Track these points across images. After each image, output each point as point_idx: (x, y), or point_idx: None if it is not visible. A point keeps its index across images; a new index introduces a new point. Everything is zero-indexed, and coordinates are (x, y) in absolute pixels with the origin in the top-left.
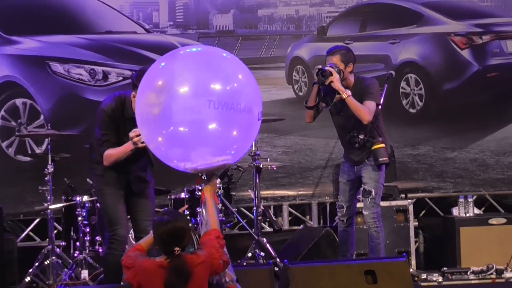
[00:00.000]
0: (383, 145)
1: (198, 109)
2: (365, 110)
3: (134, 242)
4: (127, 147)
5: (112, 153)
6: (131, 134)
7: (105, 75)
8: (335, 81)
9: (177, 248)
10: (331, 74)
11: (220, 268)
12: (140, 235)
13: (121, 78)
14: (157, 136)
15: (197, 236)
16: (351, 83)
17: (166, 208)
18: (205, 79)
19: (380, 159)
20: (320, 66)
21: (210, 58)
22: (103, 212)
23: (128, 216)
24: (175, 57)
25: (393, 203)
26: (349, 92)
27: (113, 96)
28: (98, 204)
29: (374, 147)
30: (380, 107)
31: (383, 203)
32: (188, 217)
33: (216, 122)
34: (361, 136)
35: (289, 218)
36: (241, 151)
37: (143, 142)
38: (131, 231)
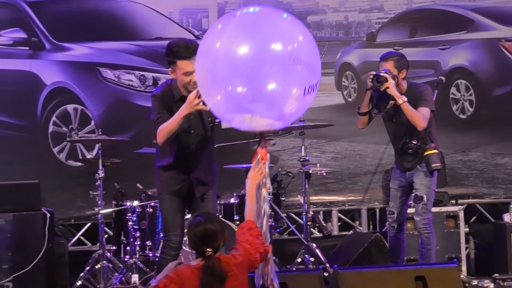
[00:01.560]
0: (435, 151)
1: (257, 69)
2: (420, 117)
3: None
4: (181, 111)
5: (166, 125)
6: (190, 95)
7: (155, 81)
8: (391, 87)
9: (208, 250)
10: (386, 80)
11: (257, 261)
12: None
13: None
14: (216, 95)
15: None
16: (404, 89)
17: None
18: (265, 40)
19: (433, 165)
20: (374, 72)
21: (269, 19)
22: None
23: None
24: (232, 18)
25: (444, 209)
26: (405, 98)
27: (162, 84)
28: (148, 209)
29: (426, 153)
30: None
31: (434, 209)
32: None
33: (275, 82)
34: (414, 142)
35: (339, 223)
36: (292, 118)
37: (203, 103)
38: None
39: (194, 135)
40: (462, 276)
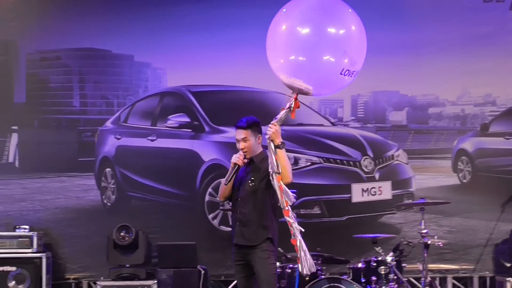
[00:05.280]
0: None
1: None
2: None
3: None
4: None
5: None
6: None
7: (296, 161)
8: None
9: None
10: None
11: None
12: None
13: (309, 163)
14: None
15: None
16: None
17: None
18: (323, 23)
19: None
20: None
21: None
22: None
23: None
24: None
25: None
26: None
27: None
28: (287, 270)
29: None
30: None
31: None
32: None
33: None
34: None
35: None
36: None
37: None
38: None
39: (242, 189)
40: None
